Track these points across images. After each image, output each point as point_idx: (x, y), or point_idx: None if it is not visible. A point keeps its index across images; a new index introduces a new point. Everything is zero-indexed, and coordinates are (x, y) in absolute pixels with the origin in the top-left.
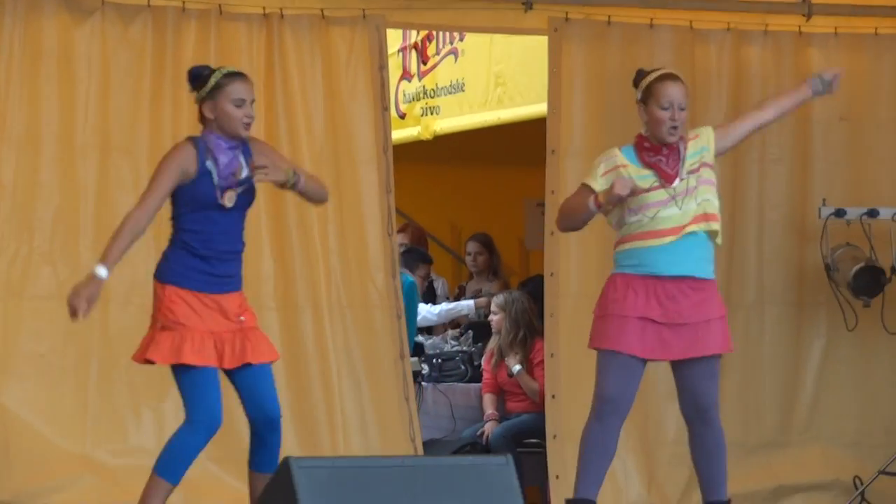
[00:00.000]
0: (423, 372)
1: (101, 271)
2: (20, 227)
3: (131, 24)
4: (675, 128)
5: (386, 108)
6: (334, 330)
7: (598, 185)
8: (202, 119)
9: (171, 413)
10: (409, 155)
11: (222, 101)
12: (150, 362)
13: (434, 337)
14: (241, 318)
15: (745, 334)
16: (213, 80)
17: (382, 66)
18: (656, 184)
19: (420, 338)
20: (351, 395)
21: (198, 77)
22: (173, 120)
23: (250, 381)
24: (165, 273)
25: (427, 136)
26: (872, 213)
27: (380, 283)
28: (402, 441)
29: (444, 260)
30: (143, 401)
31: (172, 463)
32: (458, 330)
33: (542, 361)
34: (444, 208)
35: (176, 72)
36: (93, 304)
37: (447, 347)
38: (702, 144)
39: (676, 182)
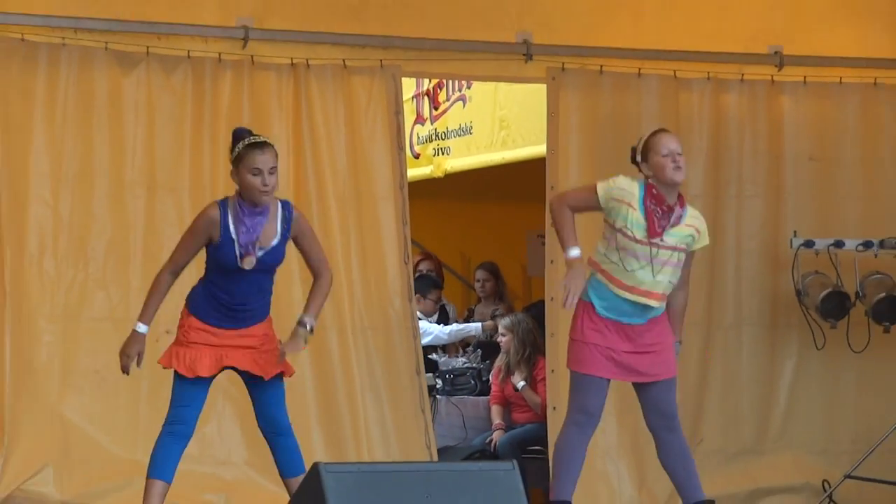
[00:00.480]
0: (437, 386)
1: (141, 328)
2: (76, 257)
3: (173, 74)
4: (678, 167)
5: (402, 149)
6: (357, 349)
7: (603, 197)
8: (234, 180)
9: (213, 423)
10: (423, 191)
11: (243, 171)
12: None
13: (446, 355)
14: (262, 343)
15: (725, 352)
16: (236, 150)
17: (398, 112)
18: (643, 238)
19: (434, 356)
20: (373, 406)
21: (232, 144)
22: (212, 160)
23: (263, 397)
24: (191, 304)
25: (439, 174)
26: (839, 244)
27: (398, 307)
28: (419, 448)
29: (454, 286)
30: None
31: (154, 462)
32: (468, 349)
33: (544, 378)
34: (455, 239)
35: (213, 116)
36: (138, 357)
37: (458, 364)
38: (695, 233)
39: (658, 239)
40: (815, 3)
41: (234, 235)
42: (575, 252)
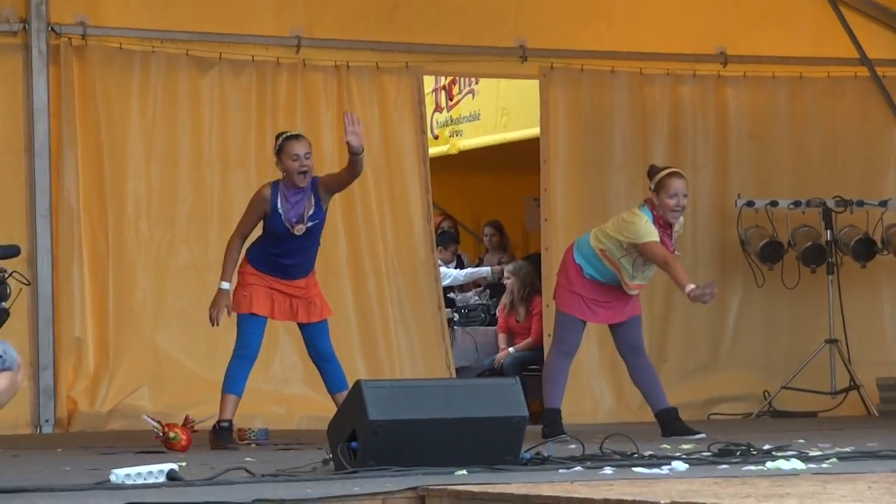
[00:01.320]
0: (455, 319)
1: (225, 285)
2: (165, 220)
3: (241, 75)
4: (677, 212)
5: (424, 132)
6: (390, 289)
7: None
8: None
9: (277, 352)
10: (442, 165)
11: (284, 158)
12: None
13: (462, 293)
14: (305, 293)
15: None
16: (277, 144)
17: (421, 102)
18: None
19: (451, 294)
20: (403, 335)
21: (275, 142)
22: (271, 143)
23: (309, 334)
24: (250, 255)
25: (454, 151)
26: (773, 203)
27: (422, 256)
28: (441, 368)
29: (467, 240)
30: None
31: (228, 380)
32: (479, 289)
33: (540, 311)
34: (467, 203)
35: (273, 108)
36: (224, 310)
37: (472, 301)
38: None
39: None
40: (752, 12)
41: (280, 210)
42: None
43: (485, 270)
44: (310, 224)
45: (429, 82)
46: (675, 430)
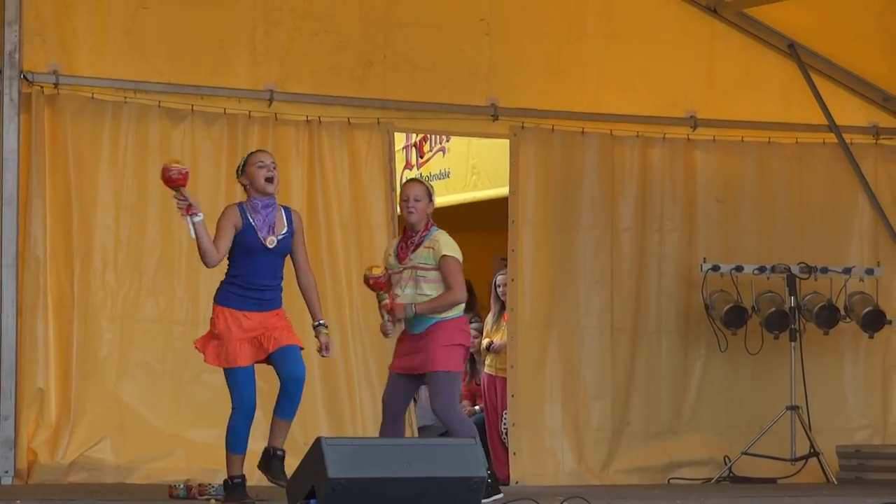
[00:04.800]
0: None
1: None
2: (132, 270)
3: (212, 127)
4: (411, 213)
5: (394, 189)
6: (355, 346)
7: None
8: (245, 191)
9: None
10: None
11: (250, 168)
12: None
13: None
14: (273, 323)
15: (648, 353)
16: (243, 160)
17: (391, 159)
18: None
19: None
20: (366, 392)
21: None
22: (242, 195)
23: (281, 354)
24: (218, 297)
25: None
26: (739, 269)
27: None
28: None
29: None
30: (221, 396)
31: (234, 440)
32: None
33: None
34: None
35: None
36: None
37: None
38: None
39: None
40: (722, 77)
41: (253, 222)
42: None
43: None
44: (280, 238)
45: (400, 139)
46: None
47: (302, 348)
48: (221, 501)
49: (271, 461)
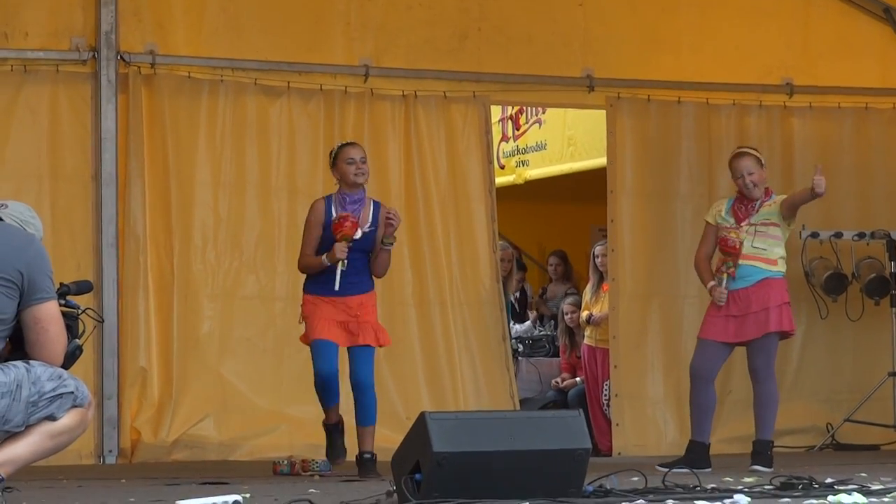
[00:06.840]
0: (519, 350)
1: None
2: (232, 247)
3: (309, 103)
4: (748, 186)
5: (491, 162)
6: (455, 320)
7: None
8: (337, 181)
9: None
10: (508, 195)
11: (340, 163)
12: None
13: (520, 323)
14: (358, 313)
15: None
16: (333, 152)
17: (488, 132)
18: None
19: (517, 326)
20: (468, 366)
21: (330, 155)
22: None
23: (353, 357)
24: (305, 286)
25: (520, 181)
26: (838, 235)
27: (487, 286)
28: (505, 399)
29: (531, 269)
30: None
31: (319, 399)
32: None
33: None
34: (533, 233)
35: (341, 137)
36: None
37: (536, 333)
38: (772, 210)
39: (743, 225)
40: (818, 43)
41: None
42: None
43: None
44: (367, 230)
45: (496, 112)
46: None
47: (384, 344)
48: (326, 476)
49: (363, 464)
